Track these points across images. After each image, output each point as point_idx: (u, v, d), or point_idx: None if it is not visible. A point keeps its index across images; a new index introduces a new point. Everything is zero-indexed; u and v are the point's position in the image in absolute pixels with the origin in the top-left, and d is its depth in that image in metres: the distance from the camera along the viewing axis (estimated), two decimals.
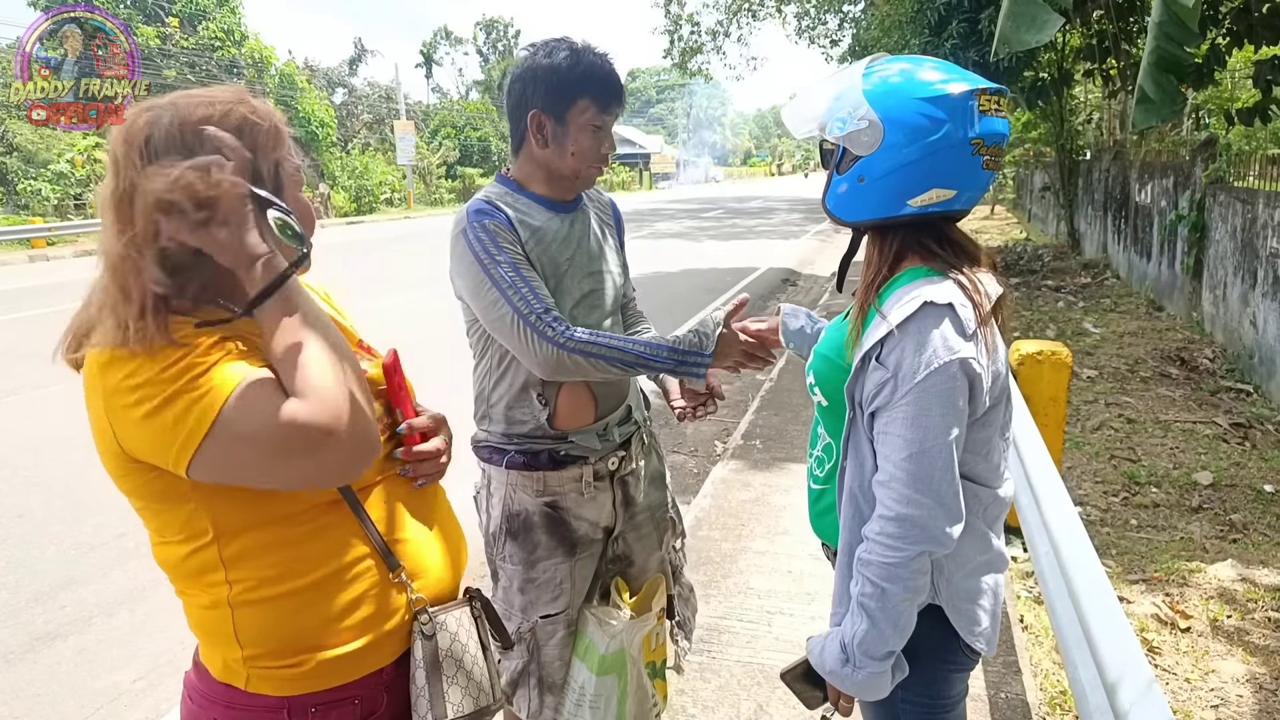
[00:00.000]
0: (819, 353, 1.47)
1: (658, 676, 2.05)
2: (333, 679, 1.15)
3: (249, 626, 1.12)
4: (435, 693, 1.20)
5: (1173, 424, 5.13)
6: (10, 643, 3.14)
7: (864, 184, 1.30)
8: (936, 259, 1.32)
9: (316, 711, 1.15)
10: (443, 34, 48.41)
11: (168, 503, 1.08)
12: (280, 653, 1.13)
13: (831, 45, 19.70)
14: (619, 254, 2.03)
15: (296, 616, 1.13)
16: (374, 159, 33.98)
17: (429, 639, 1.21)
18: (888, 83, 1.28)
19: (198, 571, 1.11)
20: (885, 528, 1.25)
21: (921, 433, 1.23)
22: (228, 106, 1.07)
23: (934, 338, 1.23)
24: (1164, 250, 8.52)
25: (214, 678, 1.15)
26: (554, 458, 1.86)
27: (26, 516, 4.25)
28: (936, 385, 1.22)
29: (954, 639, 1.38)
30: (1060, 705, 2.59)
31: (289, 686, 1.14)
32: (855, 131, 1.28)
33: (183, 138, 1.03)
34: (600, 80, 1.76)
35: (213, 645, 1.15)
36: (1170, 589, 3.24)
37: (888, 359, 1.25)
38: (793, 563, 3.48)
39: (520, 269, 1.71)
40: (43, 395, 6.26)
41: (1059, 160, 13.18)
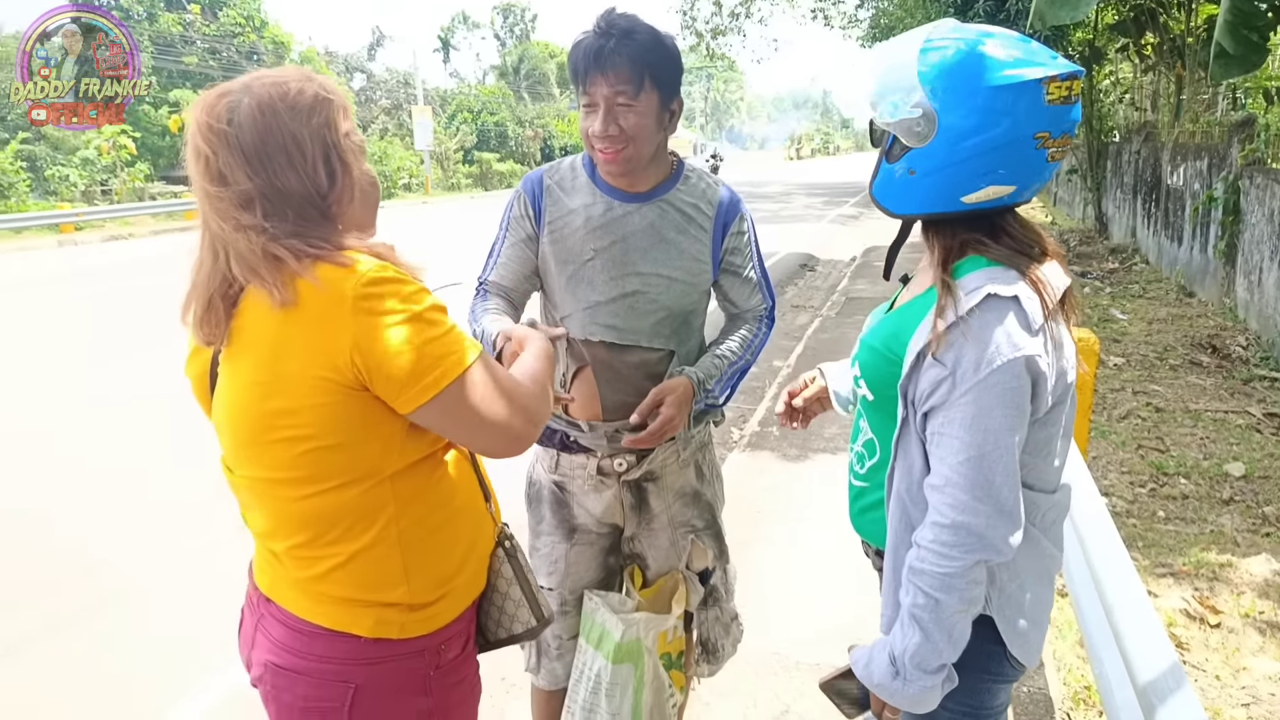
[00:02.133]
0: (866, 343, 1.35)
1: (674, 667, 2.02)
2: (457, 608, 1.27)
3: (417, 560, 1.19)
4: (531, 601, 1.35)
5: (1203, 413, 5.02)
6: (31, 627, 3.18)
7: (914, 177, 1.20)
8: (994, 251, 1.22)
9: (444, 648, 1.25)
10: (461, 19, 48.33)
11: (362, 431, 1.11)
12: (436, 584, 1.21)
13: (850, 25, 19.40)
14: (701, 261, 1.81)
15: (449, 545, 1.24)
16: (392, 144, 34.04)
17: (513, 557, 1.36)
18: (946, 66, 1.15)
19: (368, 510, 1.15)
20: (940, 535, 1.17)
21: (981, 435, 1.14)
22: (300, 85, 1.12)
23: (997, 333, 1.14)
24: (1196, 234, 8.33)
25: (360, 637, 1.17)
26: (565, 441, 1.87)
27: (49, 500, 4.30)
28: (999, 384, 1.13)
29: (1000, 649, 1.30)
30: (1084, 700, 2.53)
31: (432, 623, 1.22)
32: (907, 120, 1.17)
33: (264, 119, 1.08)
34: (578, 59, 1.64)
35: (365, 598, 1.17)
36: (1199, 583, 3.17)
37: (945, 355, 1.16)
38: (809, 551, 3.44)
39: (507, 241, 1.83)
40: (79, 378, 6.33)
41: (1087, 142, 12.91)
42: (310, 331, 1.08)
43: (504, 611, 1.35)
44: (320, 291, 1.08)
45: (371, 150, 31.72)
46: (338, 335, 1.07)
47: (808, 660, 2.72)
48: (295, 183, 1.11)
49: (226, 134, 1.08)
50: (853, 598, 2.89)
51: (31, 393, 6.13)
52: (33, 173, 22.58)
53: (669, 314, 1.79)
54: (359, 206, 1.20)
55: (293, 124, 1.10)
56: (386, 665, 1.19)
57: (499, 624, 1.36)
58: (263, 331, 1.11)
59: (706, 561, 2.01)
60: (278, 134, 1.09)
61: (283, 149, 1.09)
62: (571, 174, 1.80)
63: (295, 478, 1.14)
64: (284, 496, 1.15)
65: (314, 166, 1.12)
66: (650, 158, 1.72)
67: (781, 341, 7.50)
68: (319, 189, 1.13)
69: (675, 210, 1.78)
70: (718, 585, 2.06)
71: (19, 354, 7.37)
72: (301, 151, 1.10)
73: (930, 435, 1.20)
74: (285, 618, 1.19)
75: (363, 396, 1.10)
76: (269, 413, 1.11)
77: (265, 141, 1.08)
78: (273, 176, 1.09)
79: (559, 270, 1.78)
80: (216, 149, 1.08)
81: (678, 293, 1.79)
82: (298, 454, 1.12)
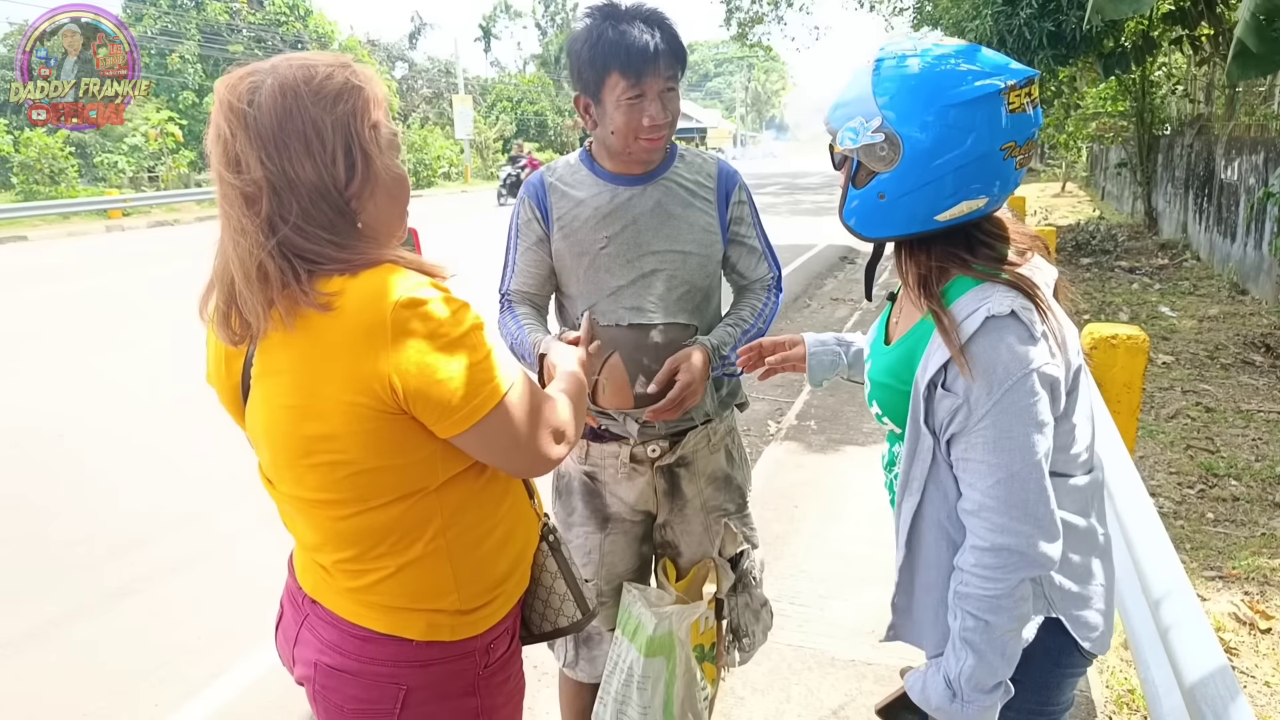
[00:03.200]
0: (876, 381, 1.33)
1: (706, 660, 2.02)
2: (505, 607, 1.25)
3: (467, 568, 1.17)
4: (576, 594, 1.35)
5: (1255, 414, 4.87)
6: (86, 596, 3.28)
7: (885, 201, 1.17)
8: (972, 268, 1.20)
9: (493, 647, 1.24)
10: (502, 7, 48.44)
11: (403, 454, 1.09)
12: (486, 588, 1.20)
13: (895, 14, 19.06)
14: (711, 232, 1.85)
15: (498, 550, 1.22)
16: (432, 133, 34.31)
17: (557, 550, 1.35)
18: (902, 86, 1.13)
19: (415, 524, 1.13)
20: (982, 559, 1.16)
21: (1007, 456, 1.13)
22: (329, 69, 1.07)
23: (1003, 353, 1.12)
24: (1250, 230, 8.07)
25: (411, 640, 1.16)
26: (595, 430, 1.88)
27: (103, 475, 4.42)
28: (1015, 403, 1.12)
29: (1071, 643, 1.30)
30: (1128, 704, 2.48)
31: (482, 624, 1.21)
32: (869, 145, 1.15)
33: (284, 102, 1.04)
34: (624, 50, 1.63)
35: (416, 605, 1.16)
36: (1249, 587, 3.08)
37: (954, 384, 1.15)
38: (847, 546, 3.41)
39: (519, 249, 1.86)
40: (116, 363, 6.50)
41: (1138, 135, 12.56)
42: (346, 354, 1.03)
43: (549, 605, 1.34)
44: (356, 311, 1.03)
45: (412, 139, 32.23)
46: (376, 360, 1.02)
47: (843, 656, 2.70)
48: (310, 172, 1.04)
49: (245, 114, 1.03)
50: (888, 595, 2.86)
51: (59, 380, 6.30)
52: (82, 159, 23.15)
53: (689, 289, 1.82)
54: (383, 204, 1.12)
55: (315, 109, 1.04)
56: (437, 667, 1.18)
57: (544, 617, 1.35)
58: (295, 349, 1.07)
59: (738, 546, 2.02)
60: (297, 118, 1.03)
61: (300, 134, 1.03)
62: (571, 169, 1.84)
63: (339, 499, 1.11)
64: (328, 516, 1.13)
65: (333, 156, 1.05)
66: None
67: None
68: (336, 181, 1.06)
69: (678, 186, 1.82)
70: (748, 571, 2.07)
71: (56, 340, 7.58)
72: (321, 139, 1.05)
73: (956, 461, 1.19)
74: (334, 620, 1.18)
75: (403, 419, 1.06)
76: (307, 437, 1.07)
77: (283, 126, 1.03)
78: (287, 164, 1.03)
79: (575, 263, 1.80)
80: (235, 130, 1.04)
81: (694, 266, 1.82)
82: (339, 478, 1.09)
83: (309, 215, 1.05)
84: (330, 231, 1.06)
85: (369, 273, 1.06)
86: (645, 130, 1.69)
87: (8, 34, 26.56)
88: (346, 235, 1.07)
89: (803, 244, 13.37)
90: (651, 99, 1.68)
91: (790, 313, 8.44)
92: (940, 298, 1.19)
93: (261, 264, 1.03)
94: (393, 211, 1.15)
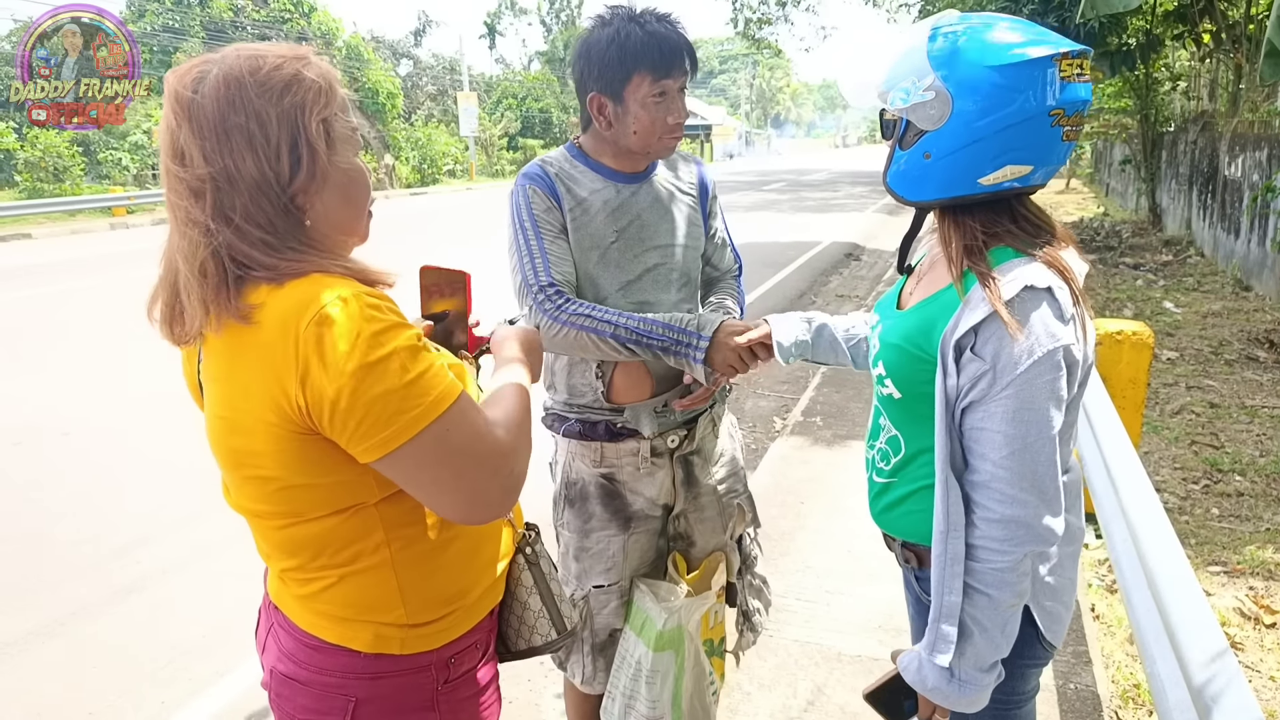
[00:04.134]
0: (889, 342, 1.34)
1: (715, 655, 2.03)
2: (469, 622, 1.20)
3: (414, 582, 1.12)
4: (552, 612, 1.30)
5: (1260, 409, 4.87)
6: (92, 594, 3.29)
7: (930, 160, 1.20)
8: (1016, 239, 1.22)
9: (454, 661, 1.19)
10: (507, 4, 48.40)
11: (328, 473, 1.02)
12: (439, 603, 1.15)
13: (900, 9, 19.02)
14: (697, 226, 1.93)
15: (452, 566, 1.16)
16: (437, 130, 34.29)
17: (534, 565, 1.30)
18: (956, 47, 1.16)
19: (354, 538, 1.08)
20: (989, 531, 1.18)
21: (1024, 427, 1.14)
22: (279, 60, 1.03)
23: (1035, 324, 1.14)
24: (1254, 227, 8.06)
25: (358, 652, 1.12)
26: (611, 430, 1.86)
27: (108, 473, 4.44)
28: (1040, 376, 1.14)
29: (1033, 633, 1.32)
30: (1133, 699, 2.49)
31: (438, 639, 1.16)
32: (920, 103, 1.17)
33: (227, 93, 1.00)
34: (654, 50, 1.67)
35: (364, 618, 1.12)
36: (1255, 582, 3.09)
37: (984, 349, 1.16)
38: (852, 542, 3.42)
39: (545, 238, 1.76)
40: (113, 360, 6.52)
41: (1142, 132, 12.55)
42: (260, 371, 0.99)
43: (524, 622, 1.29)
44: (271, 326, 0.98)
45: (416, 136, 32.15)
46: (285, 379, 0.96)
47: (849, 651, 2.71)
48: (251, 167, 1.00)
49: (190, 104, 1.00)
50: (894, 590, 2.87)
51: (64, 379, 6.32)
52: (86, 156, 23.19)
53: (685, 279, 1.90)
54: (333, 202, 1.07)
55: (259, 101, 1.00)
56: (388, 680, 1.14)
57: (519, 634, 1.30)
58: (223, 358, 1.04)
59: (745, 524, 2.06)
60: (240, 110, 0.99)
61: (243, 128, 1.00)
62: (568, 163, 1.83)
63: (273, 511, 1.08)
64: (268, 526, 1.11)
65: (276, 151, 1.01)
66: None
67: None
68: (279, 177, 1.02)
69: (667, 184, 1.89)
70: (749, 550, 2.11)
71: (59, 338, 7.60)
72: (265, 132, 1.00)
73: (969, 430, 1.20)
74: (290, 627, 1.17)
75: (321, 439, 1.00)
76: (235, 450, 1.05)
77: (225, 117, 0.99)
78: (228, 157, 0.99)
79: (583, 258, 1.79)
80: (180, 121, 1.01)
81: (689, 258, 1.91)
82: (270, 491, 1.06)
83: (249, 214, 1.01)
84: (270, 231, 1.01)
85: (294, 283, 1.00)
86: (669, 129, 1.74)
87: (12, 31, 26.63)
88: (288, 236, 1.03)
89: (807, 241, 13.37)
90: (674, 97, 1.73)
91: (796, 309, 8.43)
92: (987, 261, 1.21)
93: (204, 262, 1.00)
94: (345, 211, 1.09)
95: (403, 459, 0.99)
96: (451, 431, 1.01)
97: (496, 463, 1.05)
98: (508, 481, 1.07)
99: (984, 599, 1.18)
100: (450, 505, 1.04)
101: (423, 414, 0.98)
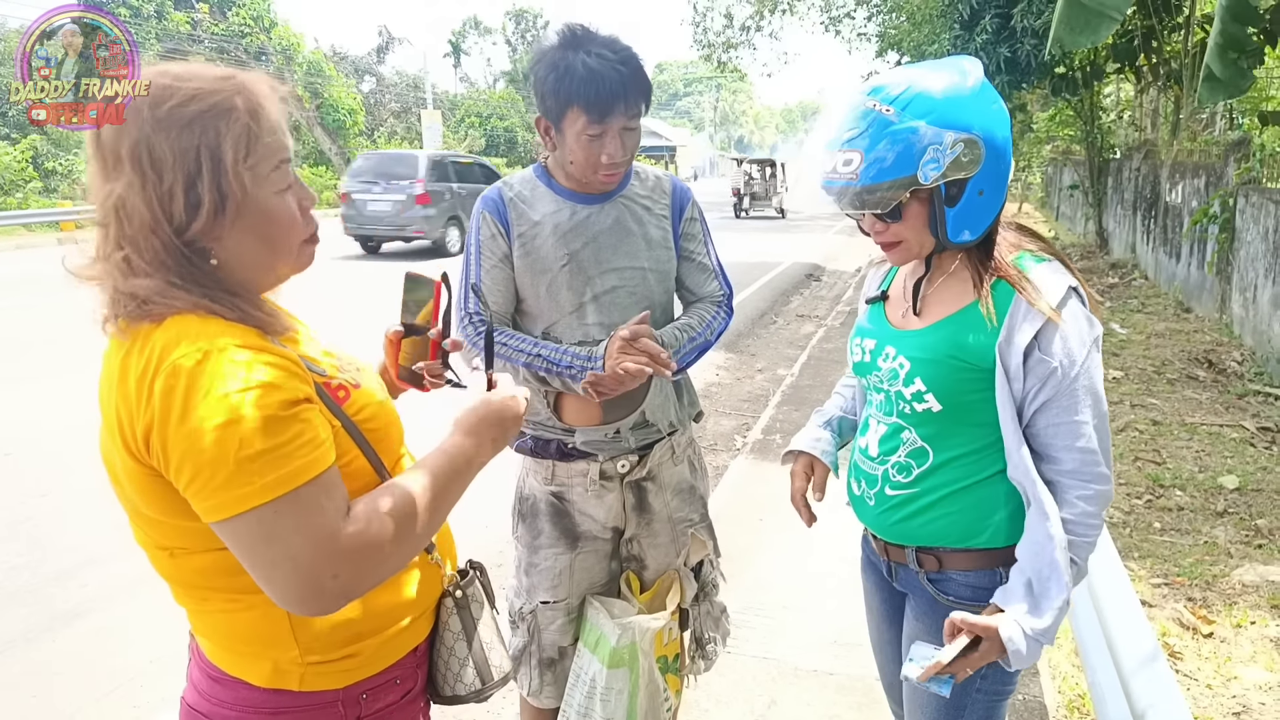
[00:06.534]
0: (925, 358, 1.38)
1: (669, 671, 2.05)
2: (382, 662, 1.14)
3: (304, 621, 1.05)
4: (479, 659, 1.23)
5: (1199, 427, 5.05)
6: (32, 621, 3.19)
7: (984, 196, 1.30)
8: (1041, 246, 1.40)
9: (367, 698, 1.13)
10: (472, 24, 48.45)
11: (191, 515, 0.95)
12: (340, 644, 1.09)
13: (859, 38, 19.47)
14: (666, 249, 1.87)
15: (355, 606, 1.07)
16: (400, 148, 34.12)
17: (464, 609, 1.23)
18: (943, 101, 1.25)
19: (238, 572, 0.98)
20: (1087, 507, 1.32)
21: (1091, 411, 1.31)
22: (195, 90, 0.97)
23: (1082, 320, 1.31)
24: (1193, 251, 8.37)
25: (256, 686, 1.07)
26: (562, 449, 1.86)
27: (49, 495, 4.32)
28: (1093, 362, 1.31)
29: None
30: (1078, 709, 2.56)
31: (344, 678, 1.10)
32: (954, 160, 1.25)
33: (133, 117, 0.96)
34: (591, 89, 1.61)
35: (258, 652, 1.07)
36: (1193, 593, 3.20)
37: (1050, 350, 1.29)
38: (810, 558, 3.46)
39: (485, 263, 1.79)
40: (60, 380, 6.36)
41: (1088, 158, 12.98)
42: (122, 400, 0.94)
43: (449, 668, 1.23)
44: (140, 357, 0.94)
45: None
46: (135, 417, 0.92)
47: (806, 666, 2.75)
48: (140, 204, 0.94)
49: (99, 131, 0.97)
50: (850, 605, 2.92)
51: (3, 400, 6.16)
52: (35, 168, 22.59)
53: (651, 305, 1.84)
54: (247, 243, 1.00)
55: (154, 135, 0.94)
56: (289, 715, 1.08)
57: (444, 679, 1.23)
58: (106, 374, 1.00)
59: (704, 553, 2.05)
60: (131, 142, 0.94)
61: (135, 158, 0.94)
62: (528, 185, 1.82)
63: (152, 543, 1.04)
64: (154, 554, 1.06)
65: (169, 191, 0.94)
66: None
67: (786, 350, 7.53)
68: (171, 218, 0.95)
69: (636, 204, 1.85)
70: (709, 579, 2.10)
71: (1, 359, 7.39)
72: (157, 171, 0.94)
73: (1045, 429, 1.32)
74: (200, 658, 1.13)
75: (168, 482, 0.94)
76: (108, 470, 1.02)
77: (118, 146, 0.95)
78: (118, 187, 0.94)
79: (534, 281, 1.79)
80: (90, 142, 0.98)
81: (652, 283, 1.85)
82: (142, 522, 1.02)
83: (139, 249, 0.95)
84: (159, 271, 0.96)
85: (172, 320, 0.95)
86: (603, 167, 1.71)
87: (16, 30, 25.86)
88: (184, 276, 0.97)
89: (769, 261, 13.55)
90: (612, 137, 1.67)
91: (757, 329, 8.54)
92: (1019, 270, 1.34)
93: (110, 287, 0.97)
94: (262, 251, 1.02)
95: (228, 530, 0.93)
96: (284, 518, 0.91)
97: (336, 561, 0.93)
98: (347, 583, 0.95)
99: (1078, 570, 1.33)
100: (266, 589, 0.95)
101: (253, 493, 0.90)
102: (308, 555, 0.92)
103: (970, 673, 1.31)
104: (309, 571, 0.92)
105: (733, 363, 7.09)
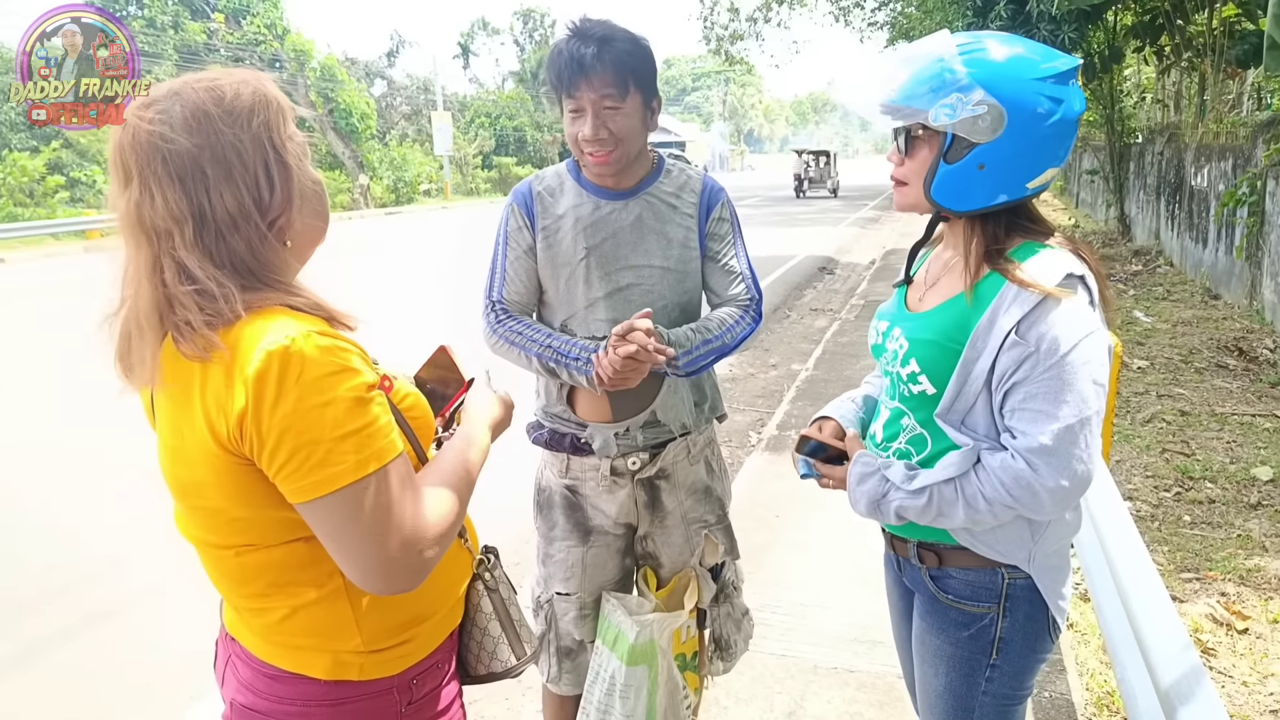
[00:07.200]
0: (921, 339, 1.36)
1: (688, 669, 2.02)
2: (430, 645, 1.19)
3: (369, 610, 1.10)
4: (511, 638, 1.29)
5: (1229, 417, 4.94)
6: (66, 619, 3.22)
7: (984, 170, 1.26)
8: (1035, 234, 1.32)
9: (416, 683, 1.18)
10: (480, 25, 48.58)
11: (273, 507, 1.01)
12: (397, 630, 1.14)
13: (869, 27, 19.31)
14: (689, 249, 1.83)
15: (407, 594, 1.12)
16: (412, 150, 34.28)
17: (494, 591, 1.29)
18: (998, 65, 1.24)
19: (306, 567, 1.06)
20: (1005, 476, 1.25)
21: (1065, 408, 1.21)
22: (236, 86, 1.03)
23: (1074, 311, 1.23)
24: (1221, 236, 8.21)
25: (317, 680, 1.11)
26: (576, 443, 1.88)
27: (80, 496, 4.36)
28: (1079, 358, 1.21)
29: (1044, 627, 1.38)
30: (1107, 706, 2.50)
31: (399, 664, 1.15)
32: (971, 118, 1.23)
33: (199, 128, 0.99)
34: (564, 67, 1.67)
35: (319, 645, 1.11)
36: (1227, 588, 3.12)
37: (1028, 333, 1.23)
38: (828, 554, 3.42)
39: (508, 256, 1.84)
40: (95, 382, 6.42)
41: (1109, 143, 12.79)
42: (207, 395, 0.98)
43: (483, 647, 1.29)
44: (226, 355, 0.97)
45: (391, 156, 32.04)
46: (227, 406, 0.96)
47: (825, 664, 2.71)
48: (231, 199, 1.00)
49: (157, 144, 0.98)
50: (869, 602, 2.87)
51: (37, 402, 6.22)
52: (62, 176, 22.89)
53: (666, 305, 1.82)
54: (308, 217, 1.10)
55: (229, 131, 1.00)
56: (350, 705, 1.13)
57: (478, 659, 1.30)
58: (171, 385, 1.02)
59: (718, 556, 2.02)
60: (215, 143, 0.99)
61: (220, 159, 0.99)
62: (558, 179, 1.85)
63: (222, 541, 1.07)
64: (218, 555, 1.09)
65: (255, 176, 1.01)
66: (636, 155, 1.77)
67: (800, 345, 7.47)
68: (259, 203, 1.02)
69: (660, 202, 1.83)
70: (729, 580, 2.08)
71: (32, 361, 7.48)
72: (242, 161, 1.00)
73: (1011, 411, 1.26)
74: (248, 658, 1.15)
75: (261, 472, 0.99)
76: (182, 480, 1.05)
77: (200, 153, 0.98)
78: (206, 193, 0.99)
79: (554, 274, 1.82)
80: (146, 161, 0.98)
81: (671, 282, 1.82)
82: (218, 523, 1.05)
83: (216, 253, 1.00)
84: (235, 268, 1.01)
85: (256, 315, 1.00)
86: (586, 144, 1.71)
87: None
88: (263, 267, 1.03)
89: (782, 255, 13.46)
90: (588, 115, 1.68)
91: (770, 324, 8.48)
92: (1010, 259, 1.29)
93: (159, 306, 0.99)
94: (316, 225, 1.12)
95: (318, 510, 0.98)
96: (370, 496, 0.98)
97: (421, 538, 1.02)
98: (431, 559, 1.04)
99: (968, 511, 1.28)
100: (350, 568, 1.02)
101: (347, 470, 0.96)
102: (395, 531, 0.99)
103: (829, 484, 1.47)
104: (397, 547, 1.00)
105: (746, 358, 7.03)
